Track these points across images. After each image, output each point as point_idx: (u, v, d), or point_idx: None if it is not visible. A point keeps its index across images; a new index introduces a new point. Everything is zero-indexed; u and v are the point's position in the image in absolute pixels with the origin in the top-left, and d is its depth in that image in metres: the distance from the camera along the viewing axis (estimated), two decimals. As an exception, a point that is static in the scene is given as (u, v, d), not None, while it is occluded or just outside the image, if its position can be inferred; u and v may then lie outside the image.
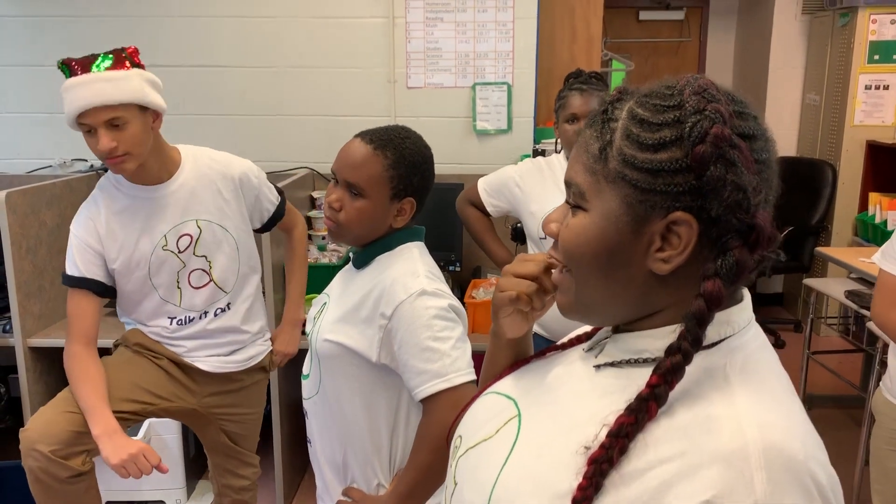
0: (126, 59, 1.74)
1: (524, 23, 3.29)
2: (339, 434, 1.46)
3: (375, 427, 1.43)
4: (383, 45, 3.33)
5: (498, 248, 2.45)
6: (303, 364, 1.57)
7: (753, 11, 5.18)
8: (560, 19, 3.50)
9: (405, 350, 1.34)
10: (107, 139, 1.69)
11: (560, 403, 0.77)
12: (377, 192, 1.39)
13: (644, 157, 0.67)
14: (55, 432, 1.73)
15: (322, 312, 1.50)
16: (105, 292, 1.87)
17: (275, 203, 2.08)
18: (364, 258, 1.46)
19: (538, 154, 3.00)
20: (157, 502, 2.80)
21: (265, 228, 2.11)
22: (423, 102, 3.36)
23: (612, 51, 4.65)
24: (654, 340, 0.72)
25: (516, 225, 2.67)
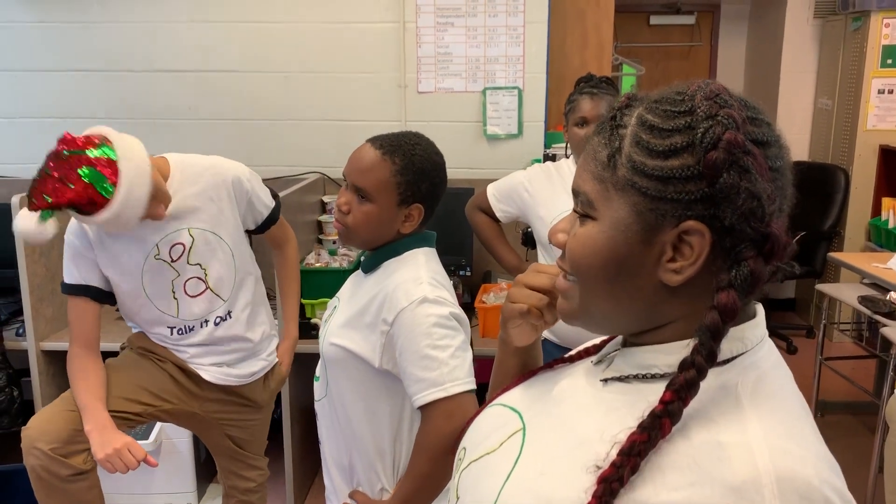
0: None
1: (535, 27, 3.28)
2: (345, 437, 1.46)
3: (379, 431, 1.43)
4: (394, 50, 3.33)
5: (508, 254, 2.44)
6: (315, 366, 1.57)
7: (765, 15, 5.15)
8: (571, 24, 3.49)
9: (405, 357, 1.34)
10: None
11: (565, 417, 0.75)
12: (384, 197, 1.39)
13: (654, 164, 0.66)
14: (54, 430, 1.74)
15: (332, 316, 1.51)
16: (104, 297, 1.88)
17: (269, 206, 2.04)
18: (372, 263, 1.46)
19: (549, 158, 3.00)
20: (168, 506, 2.81)
21: (259, 230, 2.06)
22: (434, 107, 3.36)
23: (623, 55, 4.65)
24: (665, 356, 0.70)
25: (527, 230, 2.66)
